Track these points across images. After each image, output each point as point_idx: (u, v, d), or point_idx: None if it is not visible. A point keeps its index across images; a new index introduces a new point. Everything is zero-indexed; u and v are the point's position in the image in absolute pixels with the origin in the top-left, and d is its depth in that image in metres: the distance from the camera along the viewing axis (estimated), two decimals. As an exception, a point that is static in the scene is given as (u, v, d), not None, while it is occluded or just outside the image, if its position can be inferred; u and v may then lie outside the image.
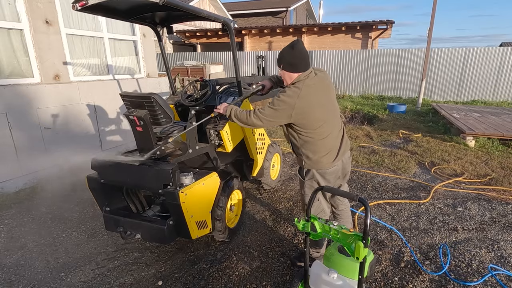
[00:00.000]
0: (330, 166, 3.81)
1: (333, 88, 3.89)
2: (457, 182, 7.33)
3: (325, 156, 3.76)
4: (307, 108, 3.57)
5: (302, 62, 3.64)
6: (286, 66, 3.70)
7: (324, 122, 3.67)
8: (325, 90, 3.71)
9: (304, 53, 3.63)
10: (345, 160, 3.99)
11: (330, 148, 3.76)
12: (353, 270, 3.12)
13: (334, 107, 3.83)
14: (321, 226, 3.21)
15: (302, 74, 3.66)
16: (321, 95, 3.64)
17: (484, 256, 4.68)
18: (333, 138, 3.78)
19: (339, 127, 3.87)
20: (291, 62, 3.65)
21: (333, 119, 3.77)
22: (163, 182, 4.07)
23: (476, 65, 18.52)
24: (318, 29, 24.95)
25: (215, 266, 4.51)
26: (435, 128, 12.46)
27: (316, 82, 3.65)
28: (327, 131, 3.70)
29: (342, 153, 3.86)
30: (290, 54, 3.63)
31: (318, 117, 3.63)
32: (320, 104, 3.61)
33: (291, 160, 8.85)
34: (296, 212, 6.04)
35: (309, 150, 3.79)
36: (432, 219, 5.72)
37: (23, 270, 4.51)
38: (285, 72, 3.75)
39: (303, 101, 3.54)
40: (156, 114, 4.18)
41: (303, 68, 3.66)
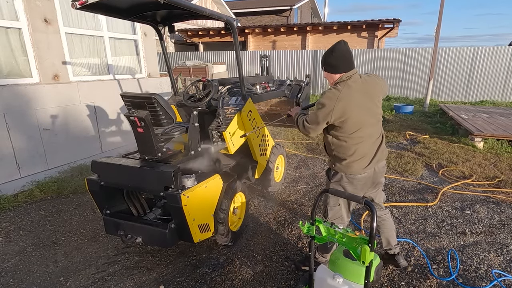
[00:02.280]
0: (360, 172, 3.77)
1: (378, 94, 3.82)
2: (465, 184, 7.31)
3: (357, 161, 3.72)
4: (345, 110, 3.55)
5: (343, 63, 3.64)
6: (327, 67, 3.75)
7: (360, 127, 3.63)
8: (367, 94, 3.67)
9: (344, 54, 3.64)
10: (378, 169, 3.91)
11: (363, 154, 3.72)
12: (359, 275, 3.12)
13: (375, 113, 3.77)
14: (326, 230, 3.21)
15: (344, 74, 3.66)
16: (361, 99, 3.61)
17: (492, 260, 4.67)
18: (369, 145, 3.74)
19: (377, 134, 3.82)
20: (331, 62, 3.69)
21: (371, 125, 3.73)
22: (164, 185, 4.06)
23: (485, 64, 18.48)
24: (323, 28, 24.90)
25: (218, 270, 4.51)
26: (442, 129, 12.44)
27: (358, 85, 3.63)
28: (362, 137, 3.67)
29: (376, 161, 3.80)
30: (330, 55, 3.68)
31: (355, 121, 3.60)
32: (358, 108, 3.58)
33: (295, 162, 8.86)
34: (301, 215, 6.04)
35: (342, 153, 3.77)
36: (439, 223, 5.71)
37: (22, 274, 4.52)
38: (327, 73, 3.79)
39: (341, 102, 3.53)
40: (158, 114, 4.18)
41: (345, 69, 3.66)
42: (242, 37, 27.11)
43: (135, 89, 9.99)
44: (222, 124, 5.19)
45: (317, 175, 7.95)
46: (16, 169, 6.94)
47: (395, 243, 4.34)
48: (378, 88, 3.80)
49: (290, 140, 11.04)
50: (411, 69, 20.06)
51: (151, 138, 4.28)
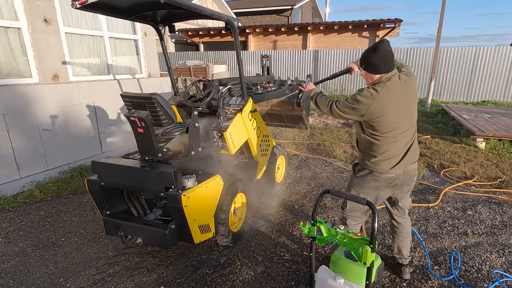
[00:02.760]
0: (387, 172, 3.75)
1: (416, 95, 3.81)
2: (467, 185, 7.32)
3: (386, 160, 3.71)
4: (381, 112, 3.53)
5: (384, 63, 3.57)
6: (368, 67, 3.67)
7: (394, 128, 3.61)
8: (405, 96, 3.63)
9: (387, 55, 3.56)
10: (408, 171, 3.86)
11: (393, 155, 3.70)
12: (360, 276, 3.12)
13: (411, 115, 3.74)
14: (328, 230, 3.21)
15: (384, 75, 3.59)
16: (399, 101, 3.57)
17: (494, 261, 4.67)
18: (400, 146, 3.71)
19: (410, 135, 3.78)
20: (373, 62, 3.60)
21: (405, 127, 3.68)
22: (165, 185, 4.07)
23: (487, 64, 18.46)
24: (324, 27, 24.84)
25: (218, 271, 4.51)
26: (444, 129, 12.44)
27: (397, 87, 3.57)
28: (396, 137, 3.64)
29: (405, 162, 3.75)
30: (373, 54, 3.59)
31: (390, 123, 3.58)
32: (395, 111, 3.55)
33: (296, 162, 8.87)
34: (302, 215, 6.04)
35: (372, 151, 3.75)
36: (441, 223, 5.71)
37: (21, 275, 4.52)
38: (366, 72, 3.72)
39: (378, 104, 3.50)
40: (158, 115, 4.19)
41: (385, 70, 3.59)
42: (243, 37, 27.08)
43: (135, 89, 9.99)
44: (223, 124, 5.19)
45: (318, 175, 7.95)
46: (15, 169, 6.94)
47: (407, 254, 4.30)
48: (415, 90, 3.78)
49: (291, 140, 11.04)
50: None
51: (151, 139, 4.28)
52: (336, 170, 8.27)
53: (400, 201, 4.10)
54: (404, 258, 4.29)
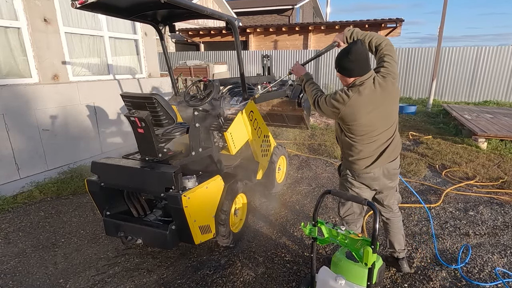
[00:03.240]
0: (365, 172, 3.79)
1: (394, 96, 3.69)
2: (469, 185, 7.31)
3: (362, 160, 3.75)
4: (352, 118, 3.54)
5: (357, 67, 3.50)
6: (341, 70, 3.61)
7: (368, 132, 3.62)
8: (379, 100, 3.55)
9: (360, 58, 3.47)
10: (388, 171, 3.85)
11: (369, 154, 3.72)
12: (361, 277, 3.12)
13: (387, 117, 3.70)
14: (329, 231, 3.21)
15: (358, 79, 3.53)
16: (371, 106, 3.52)
17: (496, 262, 4.67)
18: (376, 146, 3.71)
19: (388, 136, 3.76)
20: (345, 66, 3.54)
21: (381, 129, 3.67)
22: (165, 186, 4.07)
23: (488, 64, 18.44)
24: (325, 27, 24.81)
25: (219, 272, 4.52)
26: (446, 129, 12.43)
27: (370, 92, 3.50)
28: (371, 139, 3.66)
29: (383, 161, 3.76)
30: (345, 57, 3.52)
31: (363, 127, 3.58)
32: (367, 116, 3.53)
33: (297, 163, 8.86)
34: (303, 216, 6.04)
35: (349, 150, 3.81)
36: (443, 224, 5.71)
37: (21, 276, 4.52)
38: (340, 75, 3.68)
39: (349, 110, 3.50)
40: (158, 115, 4.19)
41: (358, 73, 3.52)
42: (244, 37, 27.06)
43: (135, 89, 10.00)
44: (223, 125, 5.19)
45: (319, 176, 7.95)
46: (15, 170, 6.94)
47: (400, 248, 4.32)
48: (394, 90, 3.65)
49: (292, 140, 11.03)
50: (414, 69, 20.03)
51: (151, 139, 4.28)
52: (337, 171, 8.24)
53: (385, 200, 4.12)
54: (397, 252, 4.32)
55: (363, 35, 3.87)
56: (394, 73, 3.64)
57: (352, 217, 4.16)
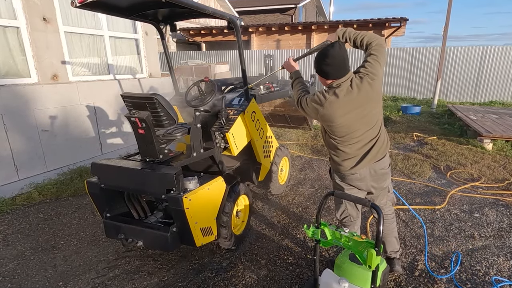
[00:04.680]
0: (350, 172, 3.81)
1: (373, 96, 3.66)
2: (474, 187, 7.30)
3: (346, 160, 3.78)
4: (329, 119, 3.58)
5: (334, 70, 3.55)
6: (319, 72, 3.67)
7: (349, 133, 3.64)
8: (358, 101, 3.55)
9: (337, 60, 3.51)
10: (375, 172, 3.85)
11: (353, 155, 3.74)
12: (365, 279, 3.12)
13: (368, 118, 3.68)
14: (332, 233, 3.21)
15: (335, 81, 3.57)
16: (347, 109, 3.54)
17: (502, 265, 4.66)
18: (359, 147, 3.72)
19: (371, 135, 3.76)
20: (323, 69, 3.59)
21: (363, 129, 3.68)
22: (166, 187, 4.06)
23: (494, 64, 18.39)
24: (328, 26, 24.79)
25: (221, 275, 4.52)
26: (450, 130, 12.41)
27: (346, 94, 3.52)
28: (354, 139, 3.67)
29: (368, 161, 3.76)
30: (322, 60, 3.57)
31: (341, 129, 3.62)
32: (344, 118, 3.55)
33: (300, 164, 8.86)
34: (306, 218, 6.04)
35: (333, 151, 3.86)
36: (447, 226, 5.70)
37: (20, 279, 4.53)
38: (319, 76, 3.73)
39: (326, 111, 3.55)
40: (159, 115, 4.18)
41: (335, 76, 3.55)
42: (246, 36, 27.03)
43: (136, 89, 10.01)
44: (225, 125, 5.19)
45: (322, 177, 7.95)
46: (14, 171, 6.95)
47: (393, 250, 4.35)
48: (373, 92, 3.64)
49: (294, 141, 11.03)
50: (419, 69, 20.00)
51: (152, 140, 4.28)
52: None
53: (375, 201, 4.12)
54: (389, 253, 4.36)
55: (355, 34, 3.87)
56: (374, 74, 3.60)
57: (348, 219, 4.16)
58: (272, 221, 5.94)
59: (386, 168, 3.98)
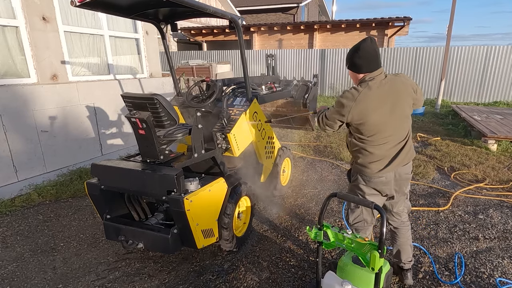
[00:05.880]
0: (377, 176, 3.72)
1: (406, 95, 3.71)
2: (478, 188, 7.30)
3: (374, 163, 3.68)
4: (363, 114, 3.52)
5: (366, 63, 3.59)
6: (351, 66, 3.71)
7: (380, 131, 3.58)
8: (389, 97, 3.57)
9: (370, 53, 3.56)
10: (399, 175, 3.82)
11: (382, 157, 3.66)
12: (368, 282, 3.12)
13: (399, 116, 3.68)
14: (335, 235, 3.21)
15: (367, 75, 3.60)
16: (382, 102, 3.54)
17: (506, 267, 4.65)
18: (389, 148, 3.67)
19: (401, 137, 3.74)
20: (355, 62, 3.63)
21: (393, 128, 3.65)
22: (167, 188, 4.06)
23: (498, 64, 18.40)
24: (331, 26, 24.89)
25: (222, 277, 4.51)
26: (454, 131, 12.43)
27: (381, 86, 3.55)
28: (383, 139, 3.62)
29: (396, 164, 3.71)
30: (355, 53, 3.62)
31: (373, 125, 3.56)
32: (378, 111, 3.52)
33: (302, 165, 8.86)
34: (308, 220, 6.04)
35: (359, 153, 3.75)
36: (451, 228, 5.70)
37: (19, 281, 4.53)
38: (350, 71, 3.77)
39: (359, 105, 3.49)
40: (160, 116, 4.18)
41: (368, 69, 3.60)
42: (247, 36, 27.09)
43: (136, 89, 10.01)
44: (227, 126, 5.19)
45: (325, 178, 7.95)
46: (13, 172, 6.96)
47: (407, 259, 4.25)
48: (405, 89, 3.68)
49: (297, 142, 11.04)
50: (422, 68, 20.03)
51: (153, 140, 4.28)
52: (343, 173, 8.25)
53: (395, 207, 4.07)
54: (403, 262, 4.25)
55: None
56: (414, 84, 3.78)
57: (361, 224, 4.06)
58: (274, 222, 5.95)
59: (409, 174, 3.96)
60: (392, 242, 4.29)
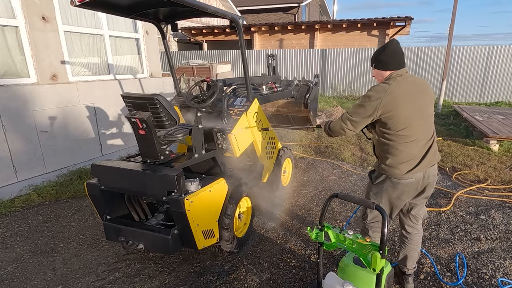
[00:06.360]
0: (406, 177, 3.66)
1: (429, 95, 3.79)
2: (480, 188, 7.29)
3: (403, 163, 3.63)
4: (394, 104, 3.53)
5: (394, 60, 3.72)
6: (377, 64, 3.80)
7: (409, 125, 3.57)
8: (417, 92, 3.66)
9: (397, 52, 3.73)
10: (428, 176, 3.77)
11: (411, 156, 3.63)
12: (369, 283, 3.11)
13: (425, 113, 3.71)
14: (336, 236, 3.20)
15: (394, 72, 3.71)
16: (411, 94, 3.61)
17: (508, 268, 4.65)
18: (418, 146, 3.65)
19: (428, 136, 3.73)
20: (382, 59, 3.75)
21: (420, 125, 3.64)
22: (167, 189, 4.06)
23: (500, 64, 18.37)
24: (332, 26, 24.87)
25: (223, 278, 4.51)
26: (456, 131, 12.42)
27: (409, 81, 3.66)
28: (411, 136, 3.60)
29: (425, 165, 3.67)
30: (382, 51, 3.77)
31: (403, 117, 3.55)
32: (407, 104, 3.55)
33: (303, 166, 8.86)
34: (309, 220, 6.04)
35: (387, 153, 3.70)
36: (453, 228, 5.69)
37: (19, 282, 4.53)
38: (376, 70, 3.85)
39: (390, 96, 3.53)
40: (160, 116, 4.19)
41: (395, 67, 3.72)
42: (248, 36, 27.08)
43: (136, 89, 10.02)
44: (227, 126, 5.19)
45: (326, 179, 7.95)
46: (12, 172, 6.96)
47: (412, 266, 4.22)
48: (428, 89, 3.80)
49: (297, 142, 11.04)
50: (424, 68, 19.99)
51: (153, 141, 4.28)
52: (345, 174, 8.27)
53: (414, 209, 4.02)
54: (407, 268, 4.23)
55: None
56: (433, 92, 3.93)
57: (378, 224, 4.06)
58: (275, 223, 5.94)
59: (436, 175, 3.92)
60: (401, 246, 4.26)
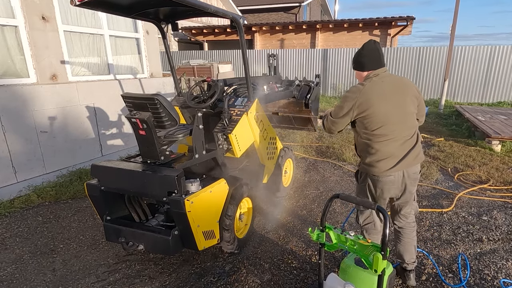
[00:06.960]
0: (385, 174, 3.71)
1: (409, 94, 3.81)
2: (482, 189, 7.28)
3: (381, 161, 3.68)
4: (369, 104, 3.61)
5: (370, 60, 3.80)
6: (356, 65, 3.92)
7: (384, 124, 3.62)
8: (394, 91, 3.71)
9: (373, 52, 3.79)
10: (408, 175, 3.79)
11: (388, 154, 3.67)
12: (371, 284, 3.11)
13: (403, 109, 3.73)
14: (337, 237, 3.20)
15: (371, 72, 3.78)
16: (386, 93, 3.67)
17: (511, 268, 4.65)
18: (395, 145, 3.68)
19: (408, 134, 3.75)
20: (359, 60, 3.85)
21: (398, 122, 3.68)
22: (167, 189, 4.07)
23: (503, 64, 18.31)
24: (333, 25, 24.86)
25: (223, 279, 4.51)
26: (458, 131, 12.42)
27: (385, 80, 3.72)
28: (387, 135, 3.64)
29: (405, 164, 3.71)
30: (359, 52, 3.87)
31: (378, 116, 3.61)
32: (383, 103, 3.62)
33: (304, 166, 8.85)
34: (310, 221, 6.03)
35: (366, 152, 3.80)
36: (455, 229, 5.69)
37: (18, 283, 4.53)
38: (356, 71, 3.97)
39: (365, 96, 3.63)
40: (160, 116, 4.19)
41: (372, 67, 3.80)
42: (249, 35, 27.08)
43: (136, 89, 10.01)
44: (228, 126, 5.19)
45: (327, 179, 7.95)
46: (12, 173, 6.96)
47: (411, 260, 4.24)
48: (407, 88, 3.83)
49: (299, 143, 11.04)
50: (426, 68, 19.94)
51: (153, 141, 4.28)
52: (346, 174, 8.27)
53: (403, 209, 4.09)
54: (407, 263, 4.25)
55: None
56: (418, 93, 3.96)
57: (371, 226, 4.11)
58: (275, 224, 5.94)
59: (418, 173, 3.96)
60: (396, 241, 4.29)
